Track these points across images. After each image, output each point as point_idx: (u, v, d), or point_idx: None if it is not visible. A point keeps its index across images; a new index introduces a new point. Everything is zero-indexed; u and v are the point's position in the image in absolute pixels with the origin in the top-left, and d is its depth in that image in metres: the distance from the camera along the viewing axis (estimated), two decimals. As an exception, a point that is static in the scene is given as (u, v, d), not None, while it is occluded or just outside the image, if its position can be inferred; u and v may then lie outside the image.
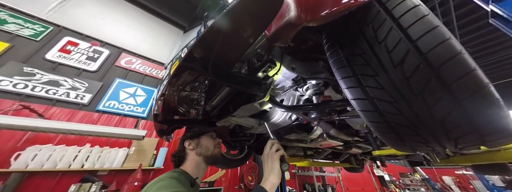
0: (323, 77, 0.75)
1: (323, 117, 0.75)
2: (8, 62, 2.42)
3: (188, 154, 0.76)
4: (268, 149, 0.65)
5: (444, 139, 0.35)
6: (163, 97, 0.76)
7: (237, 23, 0.39)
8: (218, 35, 0.41)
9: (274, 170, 0.58)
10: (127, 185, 2.39)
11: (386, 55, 0.35)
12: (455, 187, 8.10)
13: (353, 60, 0.41)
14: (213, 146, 0.81)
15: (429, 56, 0.30)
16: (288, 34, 0.37)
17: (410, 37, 0.32)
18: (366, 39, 0.40)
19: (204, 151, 0.76)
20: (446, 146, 0.38)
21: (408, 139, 0.41)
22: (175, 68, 0.50)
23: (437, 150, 0.43)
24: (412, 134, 0.38)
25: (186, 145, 0.77)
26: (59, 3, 3.29)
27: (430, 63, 0.30)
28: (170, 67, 0.63)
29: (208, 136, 0.83)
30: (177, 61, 0.56)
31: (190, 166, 0.73)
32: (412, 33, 0.32)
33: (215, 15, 0.41)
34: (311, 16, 0.31)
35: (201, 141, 0.79)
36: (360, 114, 0.47)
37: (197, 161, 0.74)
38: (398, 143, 0.45)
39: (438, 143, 0.37)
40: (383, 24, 0.36)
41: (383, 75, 0.36)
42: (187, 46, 0.51)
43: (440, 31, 0.30)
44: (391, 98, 0.36)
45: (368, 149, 1.65)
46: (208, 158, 0.77)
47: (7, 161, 1.95)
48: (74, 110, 2.67)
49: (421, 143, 0.40)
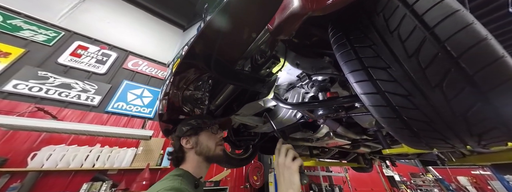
0: (329, 73, 0.72)
1: (330, 115, 0.73)
2: (24, 67, 2.55)
3: (187, 153, 0.66)
4: (283, 158, 0.55)
5: (466, 135, 0.32)
6: (167, 97, 0.76)
7: (238, 16, 0.38)
8: (219, 30, 0.40)
9: (293, 186, 0.48)
10: (136, 184, 2.45)
11: (400, 45, 0.33)
12: (472, 188, 7.67)
13: (362, 52, 0.39)
14: (215, 144, 0.70)
15: (449, 43, 0.27)
16: (293, 25, 0.35)
17: (427, 24, 0.29)
18: (376, 29, 0.37)
19: (204, 150, 0.66)
20: (468, 142, 0.35)
21: (424, 135, 0.38)
22: (177, 66, 0.49)
23: (457, 148, 0.40)
24: (429, 130, 0.36)
25: (183, 143, 0.67)
26: (69, 9, 3.43)
27: (449, 52, 0.27)
28: (172, 67, 0.63)
29: (207, 132, 0.71)
30: (179, 60, 0.55)
31: (191, 166, 0.64)
32: (429, 19, 0.29)
33: (215, 9, 0.40)
34: (317, 4, 0.30)
35: (200, 139, 0.68)
36: (370, 110, 0.44)
37: (198, 161, 0.66)
38: (413, 140, 0.42)
39: (458, 139, 0.34)
40: (396, 12, 0.34)
41: (396, 67, 0.34)
42: (187, 44, 0.50)
43: (461, 15, 0.27)
44: (405, 91, 0.34)
45: (377, 148, 1.59)
46: (210, 158, 0.68)
47: (24, 160, 2.05)
48: (85, 112, 2.77)
49: (439, 140, 0.37)
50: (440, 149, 0.48)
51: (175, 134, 0.71)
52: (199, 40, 0.42)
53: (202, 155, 0.66)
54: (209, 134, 0.71)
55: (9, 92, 2.34)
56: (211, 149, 0.68)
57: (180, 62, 0.47)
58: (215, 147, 0.69)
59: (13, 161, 2.03)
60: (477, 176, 7.92)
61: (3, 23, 2.69)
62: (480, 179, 7.80)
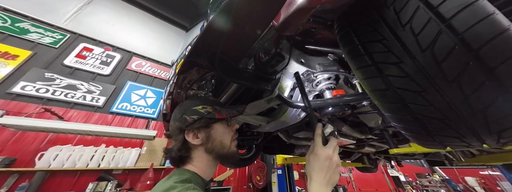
0: (335, 70, 0.71)
1: (335, 113, 0.71)
2: (31, 69, 2.61)
3: (193, 151, 0.51)
4: (331, 149, 0.44)
5: (484, 133, 0.31)
6: (171, 97, 0.76)
7: (242, 13, 0.37)
8: (223, 28, 0.39)
9: (330, 185, 0.41)
10: (140, 183, 2.47)
11: (412, 39, 0.31)
12: (480, 188, 7.46)
13: (372, 47, 0.38)
14: (230, 139, 0.56)
15: (467, 35, 0.26)
16: (300, 20, 0.34)
17: (442, 16, 0.28)
18: (386, 23, 0.36)
19: (218, 147, 0.52)
20: (486, 141, 0.33)
21: (438, 133, 0.36)
22: (181, 64, 0.49)
23: (474, 146, 0.38)
24: (443, 127, 0.34)
25: (189, 138, 0.50)
26: (74, 12, 3.50)
27: (468, 44, 0.26)
28: (176, 67, 0.63)
29: (222, 124, 0.56)
30: (182, 60, 0.55)
31: (199, 166, 0.50)
32: (445, 11, 0.28)
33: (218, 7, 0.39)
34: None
35: (212, 133, 0.53)
36: (380, 107, 0.43)
37: (207, 160, 0.52)
38: (425, 139, 0.40)
39: (476, 137, 0.33)
40: (408, 4, 0.32)
41: (409, 62, 0.32)
42: (191, 44, 0.50)
43: (480, 5, 0.26)
44: (418, 87, 0.32)
45: (383, 147, 1.56)
46: (223, 156, 0.54)
47: (32, 160, 2.10)
48: (90, 112, 2.82)
49: (454, 138, 0.36)
50: (454, 148, 0.47)
51: (176, 126, 0.52)
52: (203, 38, 0.42)
53: (214, 153, 0.52)
54: (224, 126, 0.56)
55: (18, 94, 2.40)
56: (226, 146, 0.54)
57: (184, 60, 0.46)
58: (230, 143, 0.56)
59: (21, 161, 2.08)
60: (485, 177, 7.69)
61: (11, 26, 2.76)
62: (488, 179, 7.58)
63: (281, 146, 1.73)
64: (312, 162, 0.44)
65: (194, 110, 0.52)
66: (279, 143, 1.72)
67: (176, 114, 0.54)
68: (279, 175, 3.73)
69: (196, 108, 0.53)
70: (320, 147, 0.45)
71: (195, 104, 0.54)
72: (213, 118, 0.53)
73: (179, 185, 0.38)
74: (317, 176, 0.42)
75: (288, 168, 3.85)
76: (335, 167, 0.43)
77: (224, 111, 0.56)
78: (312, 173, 0.43)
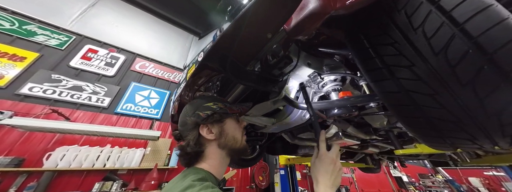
0: (342, 72, 0.71)
1: (342, 115, 0.72)
2: (38, 70, 2.66)
3: (207, 147, 0.51)
4: (334, 155, 0.48)
5: (497, 136, 0.31)
6: (179, 98, 0.77)
7: (255, 21, 0.38)
8: (236, 35, 0.40)
9: (335, 187, 0.44)
10: (145, 183, 2.50)
11: (425, 42, 0.32)
12: (484, 189, 7.34)
13: (383, 50, 0.38)
14: (241, 133, 0.57)
15: (481, 39, 0.26)
16: (313, 24, 0.35)
17: (456, 20, 0.28)
18: (397, 27, 0.36)
19: (230, 142, 0.52)
20: (499, 143, 0.34)
21: (450, 135, 0.36)
22: (196, 68, 0.50)
23: (486, 148, 0.38)
24: (455, 130, 0.34)
25: (203, 132, 0.51)
26: (80, 14, 3.56)
27: (482, 48, 0.26)
28: (187, 72, 0.64)
29: (233, 120, 0.57)
30: (194, 65, 0.56)
31: (213, 164, 0.49)
32: (458, 15, 0.28)
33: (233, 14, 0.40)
34: (340, 2, 0.29)
35: (225, 127, 0.53)
36: (390, 110, 0.43)
37: (220, 157, 0.51)
38: (436, 141, 0.40)
39: (488, 140, 0.33)
40: (419, 8, 0.33)
41: (421, 65, 0.33)
42: (203, 51, 0.51)
43: (495, 10, 0.26)
44: (431, 90, 0.33)
45: (386, 148, 1.55)
46: (236, 151, 0.54)
47: (40, 161, 2.14)
48: (96, 113, 2.86)
49: (466, 140, 0.36)
50: (465, 149, 0.47)
51: (190, 121, 0.51)
52: (217, 44, 0.42)
53: (227, 148, 0.52)
54: (235, 122, 0.58)
55: (26, 95, 2.45)
56: (238, 140, 0.55)
57: (200, 63, 0.47)
58: (241, 138, 0.57)
59: (29, 161, 2.12)
60: (490, 177, 7.56)
61: (19, 28, 2.82)
62: (493, 180, 7.45)
63: (285, 146, 1.73)
64: (318, 166, 0.47)
65: (207, 106, 0.54)
66: (282, 144, 1.72)
67: (188, 111, 0.54)
68: (282, 175, 3.72)
69: (208, 104, 0.54)
70: (325, 152, 0.49)
71: (206, 101, 0.56)
72: (226, 112, 0.54)
73: (198, 184, 0.38)
74: (323, 179, 0.45)
75: (290, 168, 3.85)
76: (338, 170, 0.47)
77: (234, 107, 0.58)
78: (319, 176, 0.46)
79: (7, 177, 1.93)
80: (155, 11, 4.75)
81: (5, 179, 1.91)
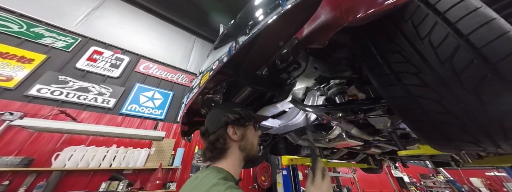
0: (347, 76, 0.74)
1: (348, 117, 0.74)
2: (46, 72, 2.72)
3: (230, 147, 0.54)
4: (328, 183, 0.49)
5: (500, 139, 0.33)
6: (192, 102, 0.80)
7: (270, 32, 0.40)
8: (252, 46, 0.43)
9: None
10: (150, 183, 2.54)
11: (431, 51, 0.34)
12: (486, 190, 7.27)
13: (390, 57, 0.40)
14: (257, 141, 0.61)
15: (485, 51, 0.29)
16: (326, 35, 0.37)
17: (460, 32, 0.30)
18: (404, 36, 0.38)
19: (249, 146, 0.56)
20: (501, 146, 0.36)
21: (454, 138, 0.39)
22: (212, 73, 0.52)
23: (489, 150, 0.40)
24: (460, 133, 0.36)
25: (230, 132, 0.54)
26: (84, 16, 3.61)
27: (486, 58, 0.29)
28: (201, 78, 0.67)
29: (253, 127, 0.61)
30: (208, 73, 0.59)
31: (231, 165, 0.52)
32: (462, 27, 0.30)
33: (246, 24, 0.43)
34: (353, 15, 0.32)
35: (247, 132, 0.57)
36: (397, 113, 0.45)
37: (239, 158, 0.54)
38: (441, 143, 0.43)
39: (492, 142, 0.35)
40: (426, 19, 0.35)
41: (427, 72, 0.35)
42: (218, 60, 0.53)
43: (497, 23, 0.28)
44: (437, 96, 0.35)
45: (388, 148, 1.56)
46: (251, 157, 0.57)
47: (49, 160, 2.19)
48: (101, 114, 2.91)
49: (471, 143, 0.38)
50: (469, 151, 0.49)
51: (222, 120, 0.56)
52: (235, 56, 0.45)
53: (245, 152, 0.55)
54: (254, 129, 0.61)
55: (34, 96, 2.50)
56: (254, 147, 0.58)
57: (217, 69, 0.50)
58: (257, 146, 0.60)
59: (38, 161, 2.17)
60: (491, 178, 7.49)
61: (26, 31, 2.88)
62: (494, 180, 7.38)
63: (288, 147, 1.75)
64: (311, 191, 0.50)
65: (235, 110, 0.60)
66: (285, 144, 1.74)
67: (218, 112, 0.60)
68: (284, 175, 3.74)
69: (236, 109, 0.60)
70: (320, 181, 0.51)
71: (234, 106, 0.63)
72: (250, 118, 0.61)
73: (222, 182, 0.40)
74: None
75: (293, 169, 3.86)
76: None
77: (255, 116, 0.64)
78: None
79: (17, 177, 1.98)
80: (157, 12, 4.80)
81: (15, 178, 1.96)
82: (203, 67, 0.77)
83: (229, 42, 0.52)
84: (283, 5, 0.35)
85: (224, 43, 0.57)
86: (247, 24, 0.43)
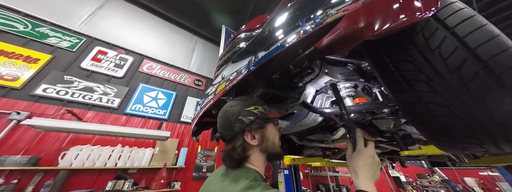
0: (356, 80, 0.77)
1: (357, 119, 0.78)
2: (51, 72, 2.74)
3: (250, 151, 0.52)
4: (372, 150, 0.49)
5: (502, 141, 0.37)
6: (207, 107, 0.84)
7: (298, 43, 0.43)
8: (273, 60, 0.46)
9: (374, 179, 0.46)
10: (155, 182, 2.57)
11: (441, 62, 0.38)
12: (479, 189, 7.39)
13: (403, 66, 0.44)
14: (278, 137, 0.58)
15: (490, 63, 0.32)
16: (347, 47, 0.41)
17: (468, 45, 0.34)
18: (416, 46, 0.42)
19: (271, 146, 0.54)
20: (502, 147, 0.40)
21: (461, 140, 0.42)
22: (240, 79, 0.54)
23: (491, 151, 0.44)
24: (466, 136, 0.40)
25: (248, 139, 0.52)
26: (88, 16, 3.63)
27: (491, 70, 0.32)
28: (217, 86, 0.71)
29: (272, 123, 0.57)
30: (225, 82, 0.63)
31: (257, 165, 0.52)
32: (470, 41, 0.34)
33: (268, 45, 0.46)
34: (372, 30, 0.35)
35: (266, 133, 0.54)
36: (407, 117, 0.49)
37: (262, 159, 0.54)
38: (448, 145, 0.46)
39: (494, 144, 0.39)
40: (436, 32, 0.39)
41: (438, 80, 0.39)
42: (237, 71, 0.57)
43: (501, 39, 0.32)
44: (446, 102, 0.39)
45: (388, 149, 1.60)
46: (273, 155, 0.55)
47: (55, 159, 2.22)
48: (106, 114, 2.93)
49: (475, 145, 0.42)
50: (471, 152, 0.53)
51: (236, 127, 0.51)
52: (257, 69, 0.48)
53: (267, 152, 0.54)
54: (273, 125, 0.57)
55: (40, 96, 2.53)
56: (276, 145, 0.55)
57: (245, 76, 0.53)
58: (278, 142, 0.57)
59: (45, 160, 2.19)
60: (485, 177, 7.60)
61: (32, 31, 2.90)
62: (487, 180, 7.49)
63: (291, 147, 1.79)
64: (356, 159, 0.49)
65: (248, 110, 0.53)
66: (288, 144, 1.78)
67: (231, 116, 0.53)
68: (286, 175, 3.78)
69: (249, 108, 0.54)
70: (363, 147, 0.51)
71: (247, 105, 0.55)
72: (267, 118, 0.55)
73: (256, 184, 0.40)
74: (363, 171, 0.47)
75: (294, 168, 3.91)
76: (377, 164, 0.49)
77: (274, 110, 0.57)
78: (357, 169, 0.48)
79: (25, 176, 2.01)
80: (160, 13, 4.82)
81: (23, 177, 1.99)
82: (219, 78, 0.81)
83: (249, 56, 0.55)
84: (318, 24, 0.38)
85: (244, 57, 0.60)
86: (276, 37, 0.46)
